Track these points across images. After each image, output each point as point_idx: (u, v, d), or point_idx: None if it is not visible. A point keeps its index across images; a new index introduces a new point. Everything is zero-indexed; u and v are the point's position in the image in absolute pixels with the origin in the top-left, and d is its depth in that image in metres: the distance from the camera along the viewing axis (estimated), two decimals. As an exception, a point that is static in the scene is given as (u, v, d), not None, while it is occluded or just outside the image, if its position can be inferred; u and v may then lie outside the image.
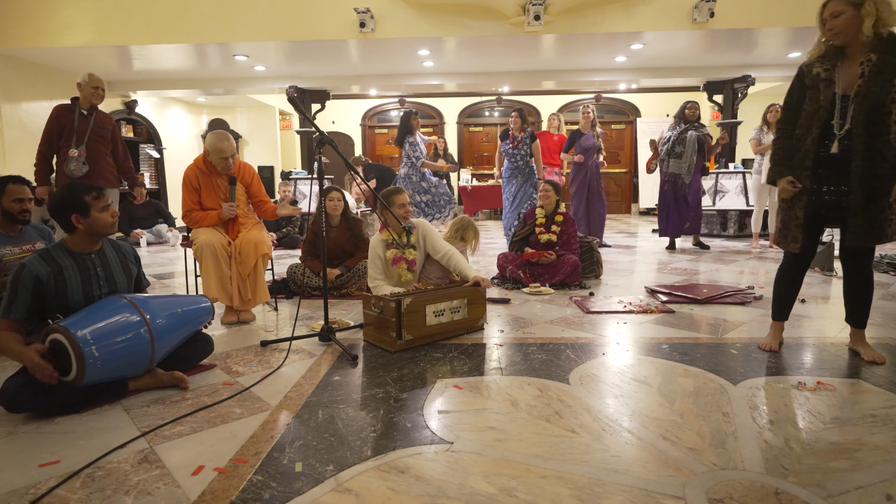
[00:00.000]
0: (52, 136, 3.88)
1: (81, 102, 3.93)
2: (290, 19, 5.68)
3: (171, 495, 1.36)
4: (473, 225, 3.89)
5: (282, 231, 6.80)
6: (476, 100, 11.56)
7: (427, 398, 1.95)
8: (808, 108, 2.22)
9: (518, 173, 5.79)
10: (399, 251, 3.06)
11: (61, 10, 5.65)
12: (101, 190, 2.09)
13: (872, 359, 2.27)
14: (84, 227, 2.03)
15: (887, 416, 1.76)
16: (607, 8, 5.57)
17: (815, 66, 2.19)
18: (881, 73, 2.03)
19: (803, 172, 2.22)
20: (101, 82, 3.99)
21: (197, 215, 3.12)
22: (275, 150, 10.67)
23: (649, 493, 1.34)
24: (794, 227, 2.28)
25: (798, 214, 2.26)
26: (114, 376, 1.91)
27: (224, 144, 3.06)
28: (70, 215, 2.01)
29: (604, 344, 2.59)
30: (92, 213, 2.03)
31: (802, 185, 2.23)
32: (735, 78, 7.65)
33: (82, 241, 2.07)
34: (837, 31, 2.11)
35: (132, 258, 2.28)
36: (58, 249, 2.05)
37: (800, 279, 2.44)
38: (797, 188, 2.24)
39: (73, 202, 2.01)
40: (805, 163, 2.22)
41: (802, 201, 2.24)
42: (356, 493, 1.35)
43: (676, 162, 5.57)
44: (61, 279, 1.98)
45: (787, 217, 2.30)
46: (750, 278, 4.20)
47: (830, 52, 2.18)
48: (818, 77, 2.18)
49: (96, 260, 2.10)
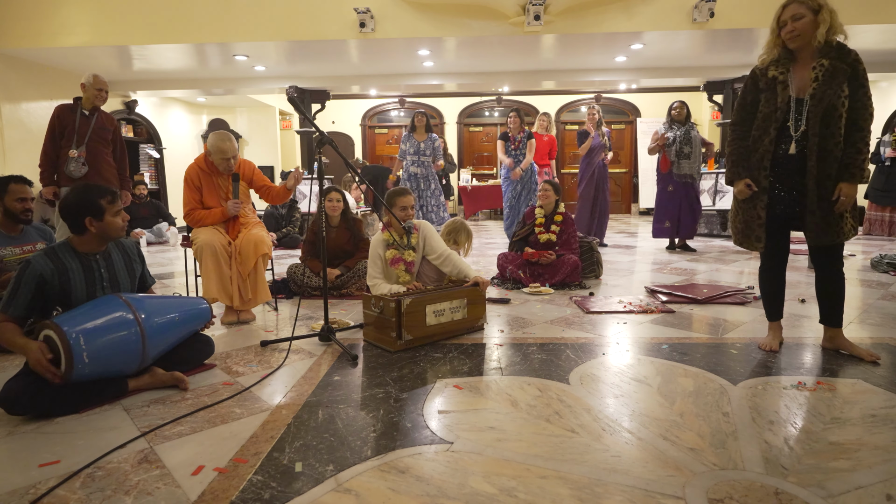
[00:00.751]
0: (55, 135, 3.87)
1: (84, 103, 3.92)
2: (290, 19, 5.68)
3: (171, 495, 1.36)
4: (466, 227, 3.90)
5: (282, 231, 6.80)
6: (476, 100, 11.56)
7: (427, 398, 1.95)
8: (764, 111, 2.28)
9: (523, 174, 5.83)
10: (398, 252, 3.06)
11: (61, 10, 5.65)
12: (116, 194, 2.09)
13: (873, 357, 2.27)
14: (96, 229, 2.03)
15: (887, 416, 1.76)
16: (607, 8, 5.57)
17: (770, 69, 2.27)
18: (833, 77, 2.13)
19: (762, 172, 2.28)
20: (105, 84, 3.99)
21: (199, 214, 3.12)
22: (275, 150, 10.67)
23: (649, 493, 1.34)
24: (757, 226, 2.33)
25: (760, 214, 2.31)
26: (105, 373, 1.91)
27: (226, 145, 3.06)
28: (84, 218, 2.00)
29: (604, 344, 2.59)
30: (106, 216, 2.02)
31: (761, 185, 2.29)
32: (735, 78, 7.65)
33: (90, 243, 2.06)
34: (797, 33, 2.17)
35: (136, 257, 2.28)
36: (63, 249, 2.04)
37: (782, 277, 2.48)
38: (753, 190, 2.31)
39: (89, 205, 1.99)
40: (763, 163, 2.28)
41: (763, 201, 2.30)
42: (356, 493, 1.35)
43: (687, 163, 5.54)
44: (66, 280, 1.98)
45: (749, 217, 2.35)
46: (750, 278, 4.20)
47: (783, 56, 2.26)
48: (774, 80, 2.25)
49: (101, 261, 2.10)
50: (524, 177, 5.86)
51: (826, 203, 2.19)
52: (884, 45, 6.28)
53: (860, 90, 2.14)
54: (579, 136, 6.17)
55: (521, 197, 5.92)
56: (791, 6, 2.19)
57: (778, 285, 2.49)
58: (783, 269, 2.47)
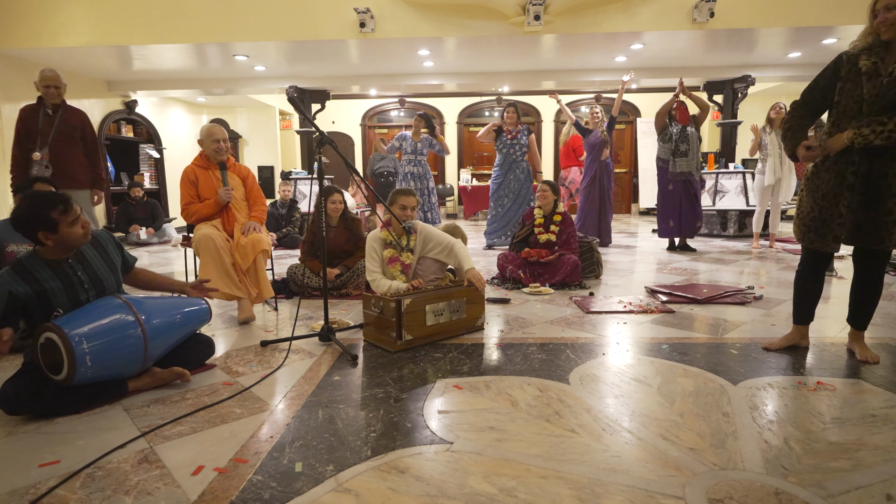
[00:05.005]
0: (21, 138, 3.72)
1: (45, 101, 3.75)
2: (290, 19, 5.68)
3: (171, 495, 1.36)
4: (461, 230, 3.92)
5: (282, 231, 6.80)
6: (476, 100, 11.55)
7: (427, 398, 1.95)
8: (844, 102, 2.12)
9: (515, 167, 5.81)
10: (396, 252, 3.06)
11: (61, 10, 5.65)
12: (68, 202, 1.90)
13: (864, 358, 2.28)
14: (53, 242, 1.89)
15: (887, 416, 1.76)
16: (607, 8, 5.57)
17: (862, 57, 2.08)
18: None
19: (849, 168, 2.11)
20: (53, 79, 3.71)
21: (195, 206, 3.18)
22: (275, 150, 10.66)
23: (649, 493, 1.34)
24: (837, 225, 2.16)
25: (843, 212, 2.14)
26: (106, 375, 1.91)
27: (215, 128, 3.21)
28: (36, 232, 1.85)
29: (604, 344, 2.59)
30: (60, 228, 1.87)
31: (846, 181, 2.11)
32: (735, 78, 7.65)
33: (56, 252, 1.94)
34: (891, 23, 2.02)
35: (113, 246, 2.16)
36: (32, 262, 1.92)
37: (822, 280, 2.39)
38: (814, 153, 2.16)
39: (38, 218, 1.84)
40: (852, 157, 2.10)
41: (846, 198, 2.13)
42: (356, 493, 1.35)
43: (684, 160, 5.54)
44: (44, 297, 1.89)
45: (829, 215, 2.17)
46: (750, 278, 4.20)
47: (876, 44, 2.08)
48: (859, 71, 2.08)
49: (75, 265, 1.99)
50: (523, 173, 5.84)
51: (875, 203, 2.09)
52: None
53: None
54: (577, 128, 6.21)
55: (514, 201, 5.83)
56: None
57: (819, 287, 2.40)
58: (825, 270, 2.39)
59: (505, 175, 5.86)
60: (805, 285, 2.41)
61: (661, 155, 5.68)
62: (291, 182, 7.78)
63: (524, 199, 5.83)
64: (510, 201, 5.85)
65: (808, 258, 2.37)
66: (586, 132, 6.14)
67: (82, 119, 3.92)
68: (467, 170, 11.13)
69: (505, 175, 5.86)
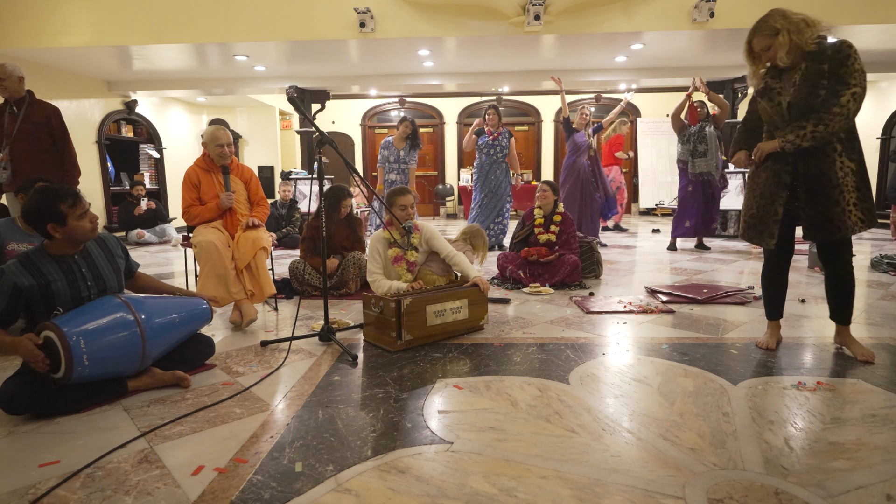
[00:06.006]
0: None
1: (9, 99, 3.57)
2: (290, 19, 5.68)
3: (171, 495, 1.36)
4: (483, 234, 3.85)
5: (282, 231, 6.79)
6: (476, 100, 11.55)
7: (427, 398, 1.95)
8: (769, 111, 2.33)
9: (496, 168, 5.97)
10: (400, 251, 3.06)
11: (61, 10, 5.64)
12: (77, 196, 1.98)
13: (863, 357, 2.28)
14: (62, 235, 1.96)
15: (887, 416, 1.76)
16: (607, 8, 5.57)
17: (766, 78, 2.34)
18: (806, 80, 2.18)
19: (785, 168, 2.28)
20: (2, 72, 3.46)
21: (196, 209, 3.17)
22: (275, 150, 10.66)
23: (649, 493, 1.34)
24: (773, 223, 2.31)
25: (778, 210, 2.30)
26: (105, 374, 1.91)
27: (219, 132, 3.16)
28: (46, 224, 1.91)
29: (604, 344, 2.59)
30: (69, 221, 1.93)
31: (782, 181, 2.28)
32: (735, 78, 7.64)
33: (63, 246, 2.00)
34: (771, 57, 2.28)
35: (119, 251, 2.21)
36: (39, 255, 1.97)
37: (785, 276, 2.48)
38: (751, 160, 2.39)
39: (48, 211, 1.90)
40: (787, 158, 2.27)
41: (783, 198, 2.28)
42: (356, 493, 1.35)
43: (703, 161, 5.51)
44: (48, 290, 1.93)
45: (766, 213, 2.34)
46: (750, 278, 4.20)
47: (773, 68, 2.34)
48: (769, 88, 2.32)
49: (80, 261, 2.04)
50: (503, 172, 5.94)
51: (821, 198, 2.20)
52: (884, 45, 6.28)
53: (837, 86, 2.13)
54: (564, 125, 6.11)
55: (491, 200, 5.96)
56: (755, 41, 2.29)
57: (781, 284, 2.49)
58: (787, 268, 2.47)
59: (486, 176, 5.99)
60: (770, 282, 2.51)
61: (681, 157, 5.65)
62: (291, 182, 7.78)
63: (503, 193, 6.01)
64: (488, 200, 6.02)
65: (768, 256, 2.49)
66: (573, 131, 6.09)
67: (47, 114, 3.66)
68: (467, 170, 11.13)
69: (486, 176, 5.99)
